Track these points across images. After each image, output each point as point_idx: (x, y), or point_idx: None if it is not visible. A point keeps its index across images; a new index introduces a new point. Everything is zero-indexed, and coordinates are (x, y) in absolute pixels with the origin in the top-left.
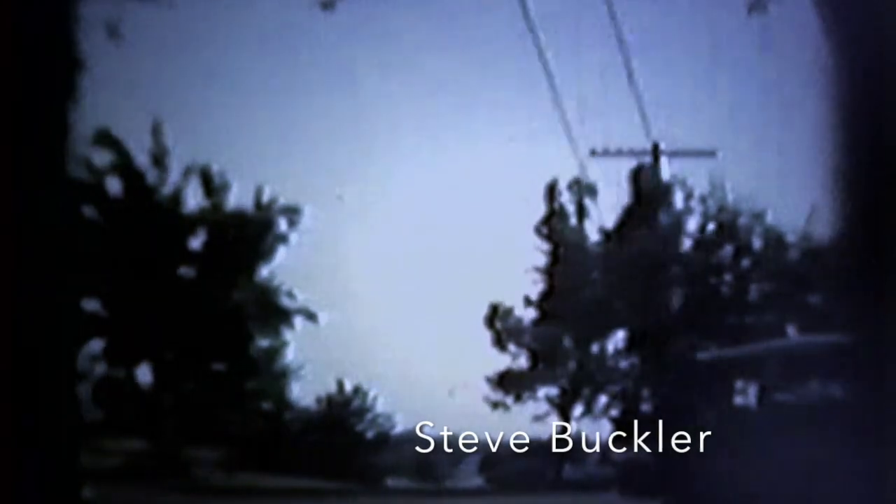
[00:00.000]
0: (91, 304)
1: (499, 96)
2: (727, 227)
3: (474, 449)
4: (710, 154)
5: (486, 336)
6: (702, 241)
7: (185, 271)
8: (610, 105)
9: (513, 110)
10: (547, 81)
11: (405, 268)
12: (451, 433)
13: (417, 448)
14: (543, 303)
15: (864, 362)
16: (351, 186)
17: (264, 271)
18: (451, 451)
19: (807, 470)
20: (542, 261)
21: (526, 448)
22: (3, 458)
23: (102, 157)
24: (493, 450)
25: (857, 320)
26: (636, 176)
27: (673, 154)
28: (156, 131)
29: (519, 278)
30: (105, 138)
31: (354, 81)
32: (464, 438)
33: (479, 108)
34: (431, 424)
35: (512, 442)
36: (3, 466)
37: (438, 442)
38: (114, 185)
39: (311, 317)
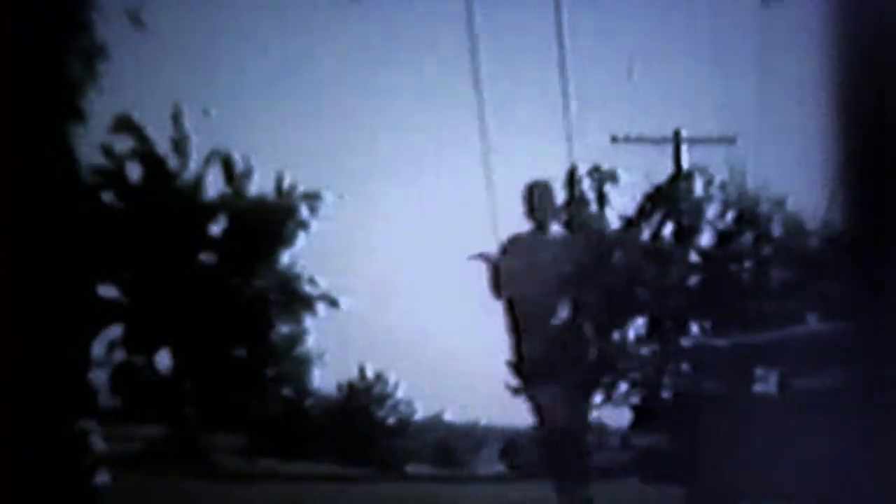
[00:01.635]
0: (110, 291)
1: (519, 81)
2: (747, 214)
3: (495, 435)
4: (731, 141)
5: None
6: (721, 229)
7: (206, 257)
8: (630, 92)
9: (534, 95)
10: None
11: (426, 254)
12: (471, 419)
13: (438, 434)
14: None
15: (880, 348)
16: (373, 172)
17: (285, 257)
18: (471, 437)
19: (827, 457)
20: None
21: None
22: (12, 444)
23: (123, 144)
24: (514, 437)
25: (871, 306)
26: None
27: (693, 141)
28: (176, 118)
29: None
30: (126, 124)
31: (377, 69)
32: (484, 425)
33: (499, 93)
34: (452, 411)
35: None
36: (12, 452)
37: (459, 428)
38: (134, 172)
39: (332, 303)
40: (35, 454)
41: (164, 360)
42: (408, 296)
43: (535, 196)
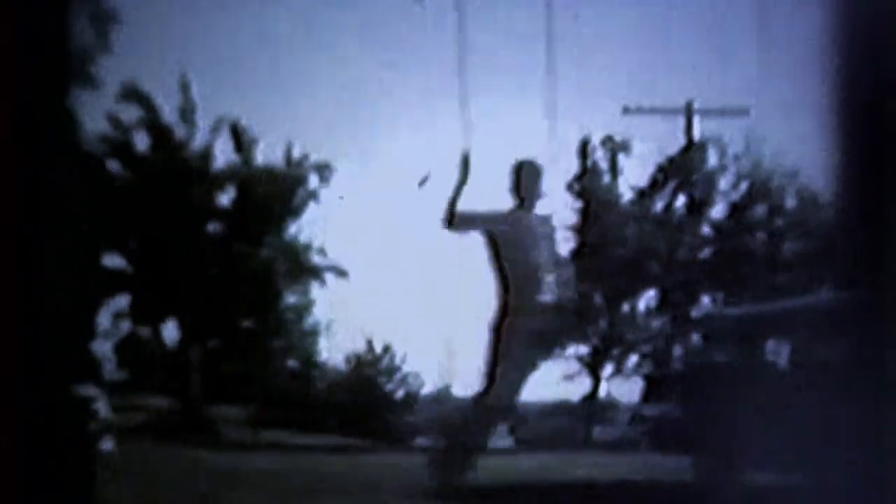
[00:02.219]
0: (117, 261)
1: (529, 51)
2: (760, 186)
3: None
4: (744, 112)
5: None
6: (734, 200)
7: (214, 227)
8: (643, 62)
9: (543, 66)
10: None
11: (436, 224)
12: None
13: (446, 408)
14: (575, 260)
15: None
16: (383, 143)
17: (294, 228)
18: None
19: (836, 429)
20: (574, 218)
21: (556, 408)
22: (14, 417)
23: (130, 113)
24: (522, 411)
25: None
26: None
27: (706, 112)
28: (184, 86)
29: None
30: (132, 93)
31: (386, 37)
32: None
33: (509, 65)
34: (460, 384)
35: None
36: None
37: (467, 402)
38: (141, 141)
39: (341, 274)
40: (37, 420)
41: (170, 330)
42: (416, 267)
43: (522, 175)
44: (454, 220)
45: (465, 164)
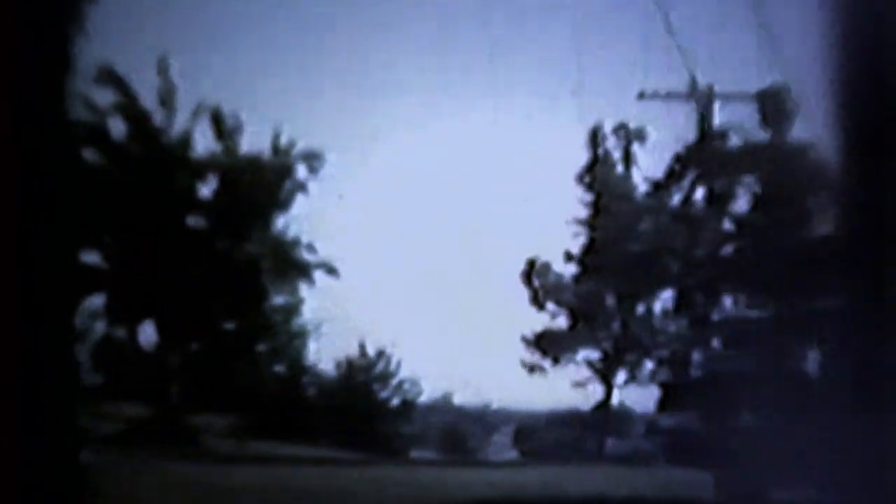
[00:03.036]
0: (91, 257)
1: (542, 35)
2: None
3: (508, 418)
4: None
5: (523, 293)
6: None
7: (194, 221)
8: (659, 46)
9: (556, 51)
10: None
11: (435, 219)
12: (483, 401)
13: (446, 417)
14: (585, 257)
15: None
16: (378, 131)
17: (281, 222)
18: (482, 420)
19: (869, 446)
20: (584, 212)
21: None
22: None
23: (104, 97)
24: (529, 420)
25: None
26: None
27: (727, 97)
28: (162, 68)
29: (559, 231)
30: (107, 76)
31: (382, 18)
32: (497, 407)
33: (517, 50)
34: (462, 391)
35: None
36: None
37: (469, 410)
38: (117, 127)
39: (331, 271)
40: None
41: (147, 332)
42: (413, 265)
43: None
44: None
45: None
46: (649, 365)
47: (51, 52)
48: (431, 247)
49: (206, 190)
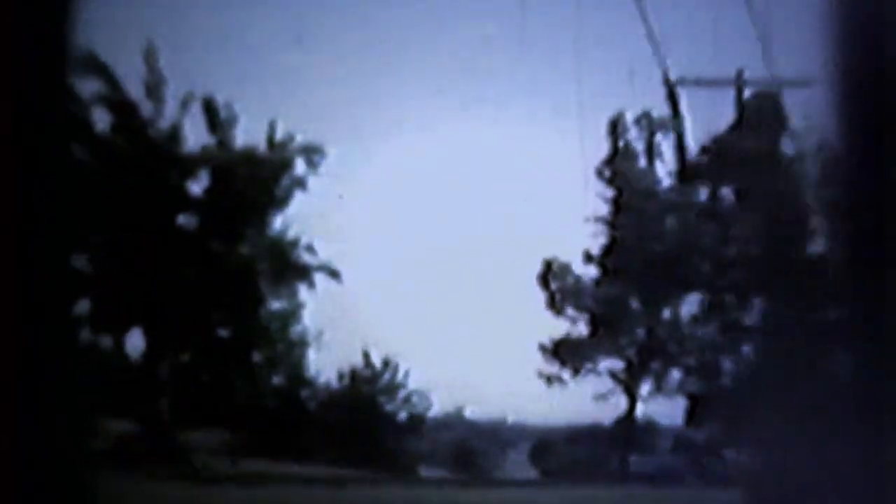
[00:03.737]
0: (74, 260)
1: (555, 19)
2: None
3: (524, 434)
4: (803, 84)
5: (539, 298)
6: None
7: (185, 220)
8: (687, 32)
9: (574, 36)
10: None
11: (444, 217)
12: (497, 415)
13: (458, 432)
14: (606, 258)
15: None
16: (384, 123)
17: (278, 221)
18: (497, 436)
19: None
20: (604, 209)
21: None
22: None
23: (88, 87)
24: (548, 435)
25: None
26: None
27: (759, 84)
28: (150, 55)
29: (577, 229)
30: (91, 64)
31: (386, 4)
32: (512, 421)
33: (536, 32)
34: (474, 404)
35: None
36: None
37: (482, 425)
38: (100, 119)
39: (333, 275)
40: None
41: (135, 341)
42: (421, 267)
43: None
44: None
45: None
46: (676, 374)
47: (50, 49)
48: (440, 247)
49: (197, 187)
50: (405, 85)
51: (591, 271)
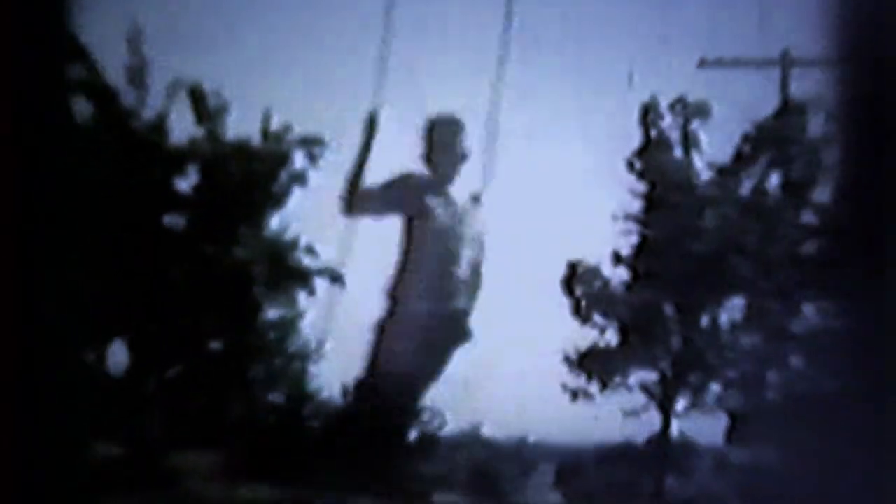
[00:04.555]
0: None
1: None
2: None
3: (548, 455)
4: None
5: (564, 304)
6: None
7: (172, 220)
8: (726, 9)
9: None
10: None
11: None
12: (517, 433)
13: (474, 453)
14: (638, 260)
15: None
16: (390, 111)
17: (275, 221)
18: (517, 457)
19: None
20: (636, 205)
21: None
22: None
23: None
24: (573, 457)
25: None
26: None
27: (807, 64)
28: (133, 38)
29: (606, 228)
30: (68, 47)
31: None
32: (534, 440)
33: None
34: (492, 422)
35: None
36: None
37: (502, 445)
38: (78, 108)
39: (336, 279)
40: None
41: (118, 355)
42: None
43: (436, 136)
44: (354, 200)
45: (371, 125)
46: (716, 388)
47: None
48: None
49: (184, 183)
50: (414, 68)
51: (620, 274)
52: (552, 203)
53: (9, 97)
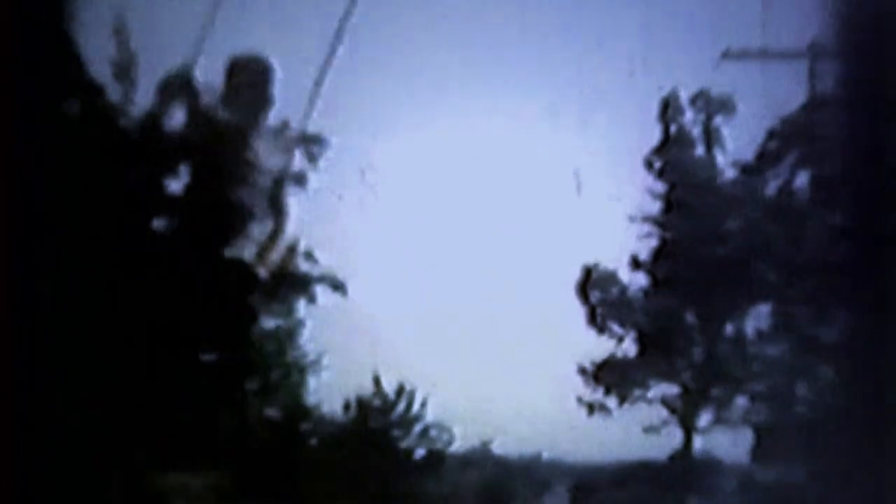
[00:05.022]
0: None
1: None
2: None
3: (563, 473)
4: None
5: (579, 311)
6: None
7: (162, 224)
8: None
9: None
10: None
11: (466, 219)
12: (530, 450)
13: (484, 471)
14: (657, 264)
15: None
16: (396, 111)
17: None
18: (530, 475)
19: None
20: (655, 206)
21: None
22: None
23: None
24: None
25: None
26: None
27: (833, 55)
28: (119, 30)
29: (623, 231)
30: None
31: None
32: (548, 458)
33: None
34: (503, 438)
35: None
36: None
37: (513, 463)
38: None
39: (337, 287)
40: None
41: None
42: (439, 277)
43: (236, 76)
44: None
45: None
46: (741, 402)
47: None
48: (462, 253)
49: (175, 184)
50: (420, 65)
51: (639, 280)
52: (565, 204)
53: (9, 97)
